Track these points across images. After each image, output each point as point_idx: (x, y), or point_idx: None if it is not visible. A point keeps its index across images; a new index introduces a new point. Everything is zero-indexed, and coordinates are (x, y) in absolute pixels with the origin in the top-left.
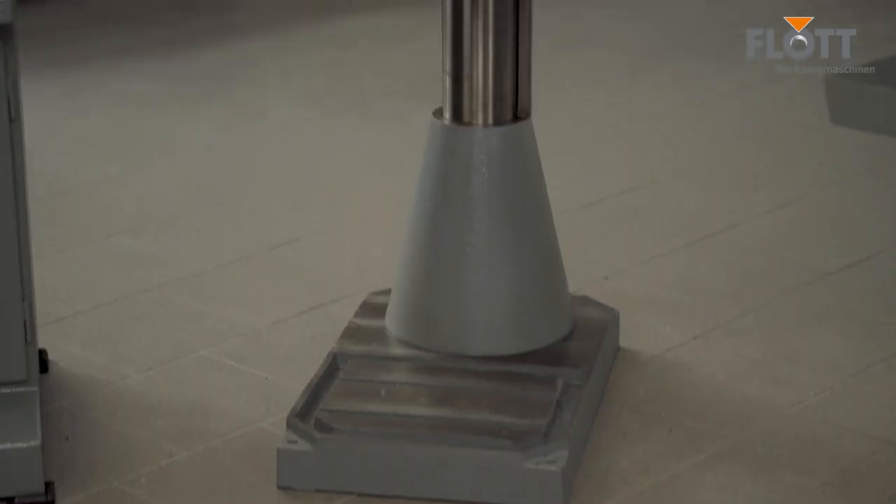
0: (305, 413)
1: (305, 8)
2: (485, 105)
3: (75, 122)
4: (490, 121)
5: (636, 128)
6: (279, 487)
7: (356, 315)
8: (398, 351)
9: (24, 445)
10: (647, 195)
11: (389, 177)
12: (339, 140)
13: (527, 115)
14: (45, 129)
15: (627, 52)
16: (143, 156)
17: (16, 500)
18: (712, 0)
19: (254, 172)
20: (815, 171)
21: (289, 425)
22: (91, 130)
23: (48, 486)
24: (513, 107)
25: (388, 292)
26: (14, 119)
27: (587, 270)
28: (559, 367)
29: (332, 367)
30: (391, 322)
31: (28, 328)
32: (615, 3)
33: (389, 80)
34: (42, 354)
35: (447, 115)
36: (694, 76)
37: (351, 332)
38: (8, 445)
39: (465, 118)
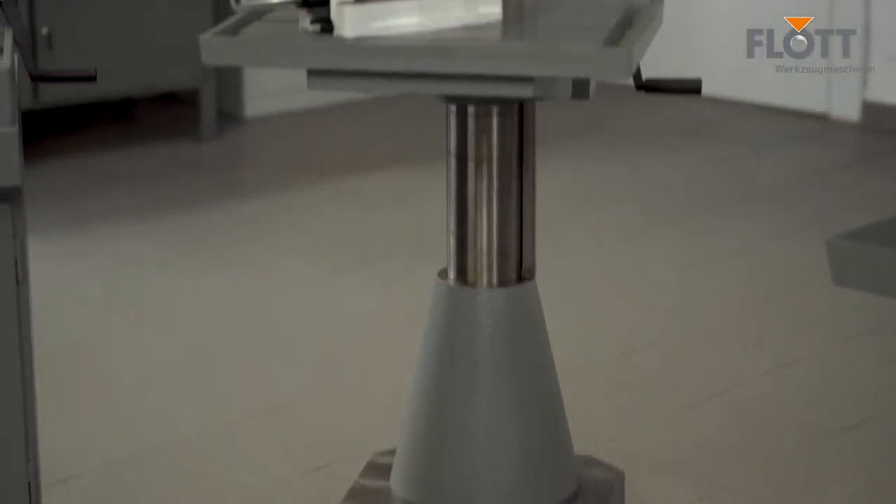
0: None
1: (311, 166)
2: (489, 265)
3: (81, 282)
4: (494, 281)
5: (640, 287)
6: None
7: (361, 475)
8: None
9: None
10: (652, 355)
11: (394, 336)
12: (344, 299)
13: (531, 276)
14: (51, 289)
15: (631, 210)
16: (148, 315)
17: None
18: (715, 158)
19: (258, 331)
20: (818, 331)
21: None
22: (96, 290)
23: None
24: (517, 267)
25: (393, 452)
26: (21, 281)
27: (592, 431)
28: None
29: None
30: (396, 482)
31: (32, 490)
32: (619, 160)
33: (395, 239)
34: None
35: (451, 275)
36: (697, 234)
37: (356, 493)
38: None
39: (470, 279)
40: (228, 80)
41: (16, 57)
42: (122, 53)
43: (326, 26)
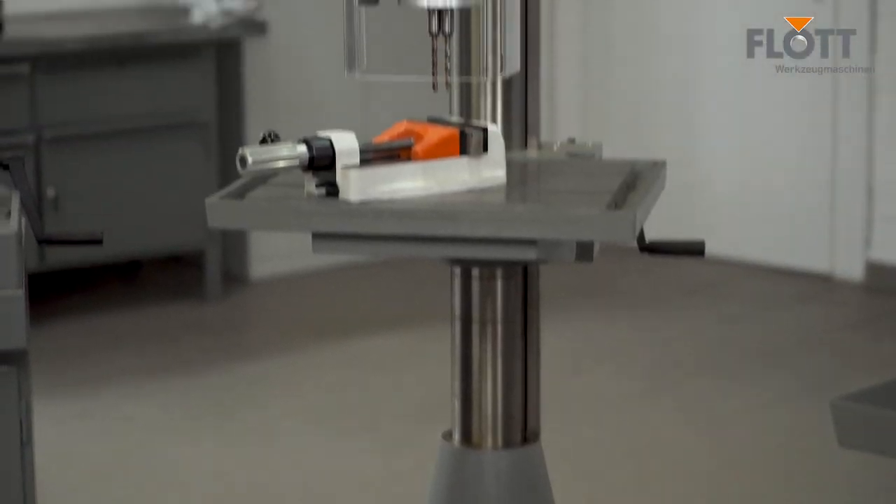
0: None
1: (316, 328)
2: (494, 427)
3: (85, 445)
4: (499, 443)
5: (645, 449)
6: None
7: None
8: None
9: None
10: None
11: (400, 500)
12: (348, 464)
13: (536, 438)
14: (56, 450)
15: (636, 372)
16: (150, 481)
17: None
18: (719, 319)
19: (263, 498)
20: (824, 493)
21: None
22: (101, 454)
23: None
24: (522, 429)
25: None
26: (26, 443)
27: None
28: None
29: None
30: None
31: None
32: (623, 321)
33: (400, 402)
34: None
35: (456, 436)
36: (702, 396)
37: None
38: None
39: (475, 440)
40: (234, 242)
41: (23, 220)
42: (127, 215)
43: (332, 190)
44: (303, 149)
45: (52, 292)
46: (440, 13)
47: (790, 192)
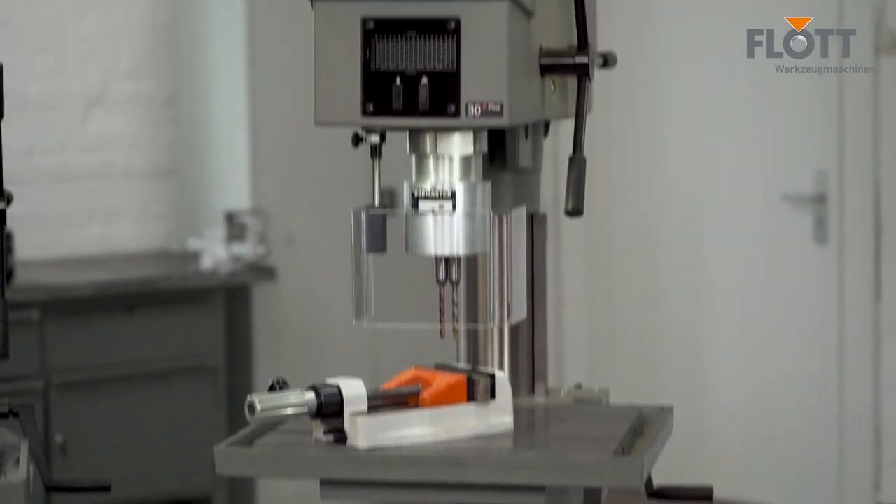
0: None
1: None
2: None
3: None
4: None
5: None
6: None
7: None
8: None
9: None
10: None
11: None
12: None
13: None
14: None
15: None
16: None
17: None
18: None
19: None
20: None
21: None
22: None
23: None
24: None
25: None
26: None
27: None
28: None
29: None
30: None
31: None
32: None
33: None
34: None
35: None
36: None
37: None
38: None
39: None
40: (241, 487)
41: (31, 468)
42: (135, 460)
43: (340, 436)
44: (311, 396)
45: None
46: (447, 261)
47: (797, 436)
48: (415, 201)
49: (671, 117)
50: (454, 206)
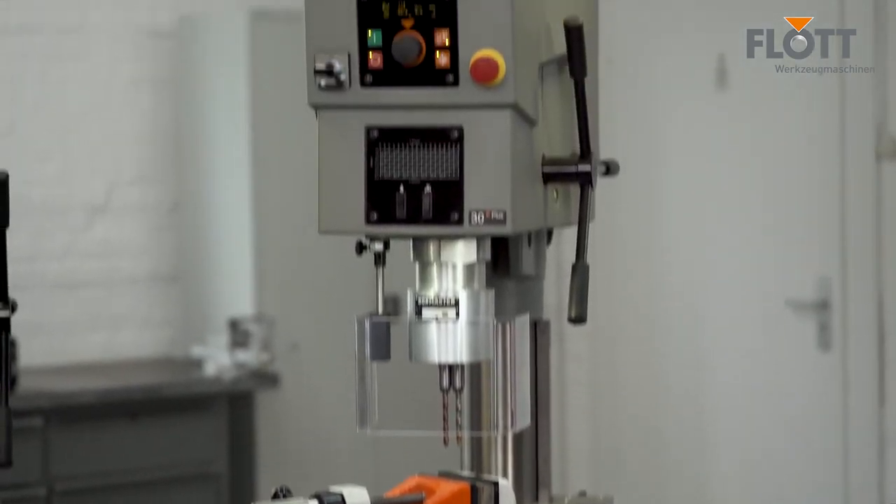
0: None
1: None
2: None
3: None
4: None
5: None
6: None
7: None
8: None
9: None
10: None
11: None
12: None
13: None
14: None
15: None
16: None
17: None
18: None
19: None
20: None
21: None
22: None
23: None
24: None
25: None
26: None
27: None
28: None
29: None
30: None
31: None
32: None
33: None
34: None
35: None
36: None
37: None
38: None
39: None
40: None
41: None
42: None
43: None
44: None
45: None
46: (451, 369)
47: None
48: (418, 309)
49: (673, 224)
50: (458, 314)
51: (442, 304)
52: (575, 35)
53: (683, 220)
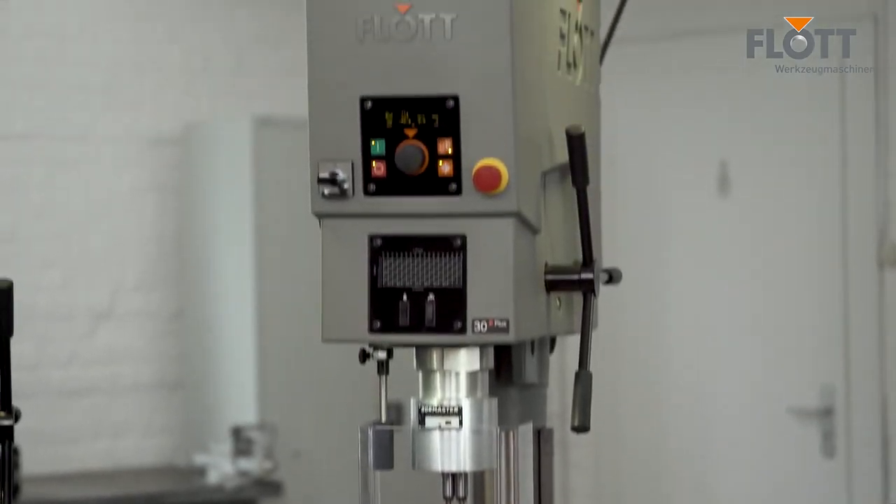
0: None
1: None
2: None
3: None
4: None
5: None
6: None
7: None
8: None
9: None
10: None
11: None
12: None
13: None
14: None
15: None
16: None
17: None
18: None
19: None
20: None
21: None
22: None
23: None
24: None
25: None
26: None
27: None
28: None
29: None
30: None
31: None
32: None
33: None
34: None
35: None
36: None
37: None
38: None
39: None
40: None
41: None
42: None
43: None
44: None
45: None
46: (454, 477)
47: None
48: (422, 417)
49: (676, 332)
50: (461, 423)
51: (445, 413)
52: (577, 144)
53: (686, 328)
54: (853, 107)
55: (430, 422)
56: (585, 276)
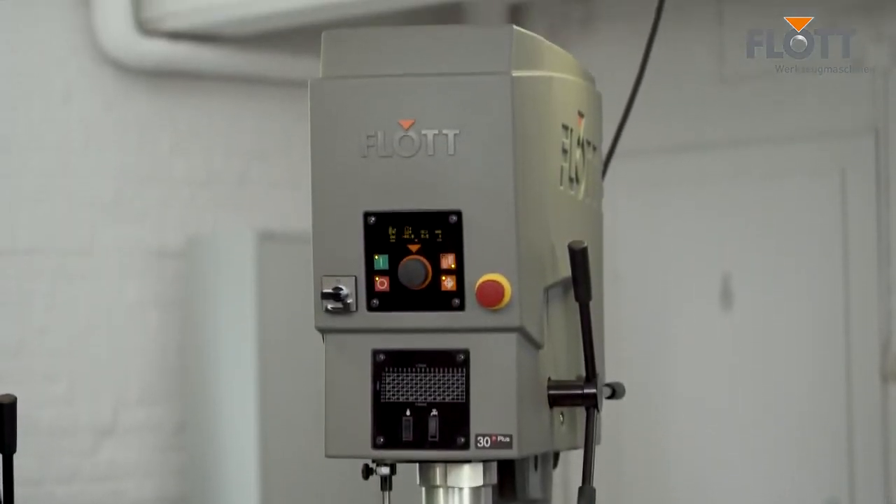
0: None
1: None
2: None
3: None
4: None
5: None
6: None
7: None
8: None
9: None
10: None
11: None
12: None
13: None
14: None
15: None
16: None
17: None
18: None
19: None
20: None
21: None
22: None
23: None
24: None
25: None
26: None
27: None
28: None
29: None
30: None
31: None
32: None
33: None
34: None
35: None
36: None
37: None
38: None
39: None
40: None
41: None
42: None
43: None
44: None
45: None
46: None
47: None
48: None
49: (680, 446)
50: None
51: None
52: (579, 259)
53: (689, 442)
54: (855, 219)
55: None
56: (588, 391)
